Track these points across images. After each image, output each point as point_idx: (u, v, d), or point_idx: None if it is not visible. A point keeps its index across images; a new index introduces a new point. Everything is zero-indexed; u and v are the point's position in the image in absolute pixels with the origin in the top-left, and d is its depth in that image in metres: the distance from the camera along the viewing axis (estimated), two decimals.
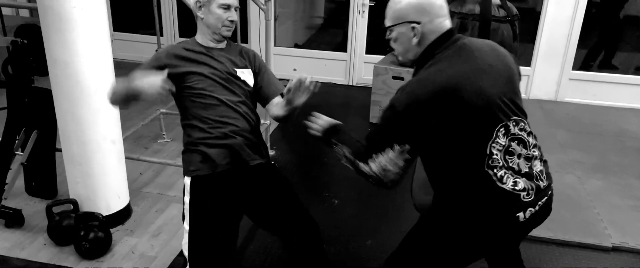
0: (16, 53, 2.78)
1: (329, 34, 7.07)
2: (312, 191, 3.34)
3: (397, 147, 1.44)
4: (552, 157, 3.85)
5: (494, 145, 1.47)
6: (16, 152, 2.90)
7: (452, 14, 2.30)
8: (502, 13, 2.36)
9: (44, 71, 2.68)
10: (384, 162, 1.46)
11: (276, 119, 2.04)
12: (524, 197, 1.51)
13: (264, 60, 2.17)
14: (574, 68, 5.21)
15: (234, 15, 1.92)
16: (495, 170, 1.47)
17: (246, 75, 2.01)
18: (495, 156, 1.47)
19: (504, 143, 1.48)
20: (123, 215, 2.87)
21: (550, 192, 1.62)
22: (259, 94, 2.08)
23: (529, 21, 5.08)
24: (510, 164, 1.49)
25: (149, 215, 2.96)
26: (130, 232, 2.80)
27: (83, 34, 2.39)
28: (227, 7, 1.90)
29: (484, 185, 1.48)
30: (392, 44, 1.59)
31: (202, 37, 1.98)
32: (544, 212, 1.62)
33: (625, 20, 5.60)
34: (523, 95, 5.59)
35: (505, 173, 1.48)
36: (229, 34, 1.97)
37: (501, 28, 2.33)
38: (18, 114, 2.85)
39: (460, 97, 1.40)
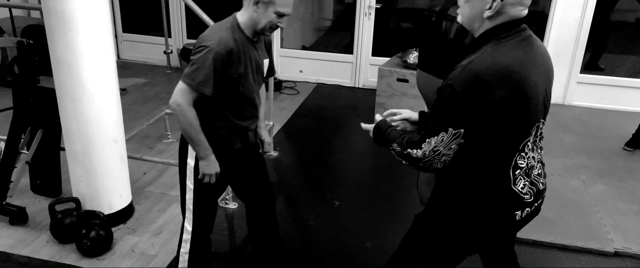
0: (22, 53, 2.83)
1: (337, 36, 7.07)
2: (314, 192, 3.35)
3: (451, 130, 1.38)
4: (558, 160, 3.83)
5: (528, 143, 1.48)
6: (21, 151, 2.94)
7: (452, 19, 2.27)
8: None
9: (49, 71, 2.73)
10: (437, 144, 1.41)
11: None
12: (526, 199, 1.54)
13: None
14: (582, 71, 5.16)
15: (284, 23, 1.90)
16: (516, 172, 1.49)
17: (265, 66, 2.07)
18: (524, 154, 1.49)
19: (533, 142, 1.51)
20: (125, 213, 2.90)
21: (544, 195, 1.66)
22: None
23: (536, 24, 5.05)
24: (528, 164, 1.52)
25: (151, 214, 2.99)
26: (131, 231, 2.82)
27: (86, 34, 2.43)
28: (282, 15, 1.88)
29: (500, 183, 1.50)
30: (461, 3, 1.50)
31: (245, 26, 1.91)
32: (537, 212, 1.66)
33: (614, 23, 5.60)
34: None
35: (519, 174, 1.50)
36: (270, 35, 2.01)
37: None
38: (24, 113, 2.89)
39: (519, 84, 1.37)
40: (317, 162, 3.83)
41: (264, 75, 2.11)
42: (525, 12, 1.47)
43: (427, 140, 1.43)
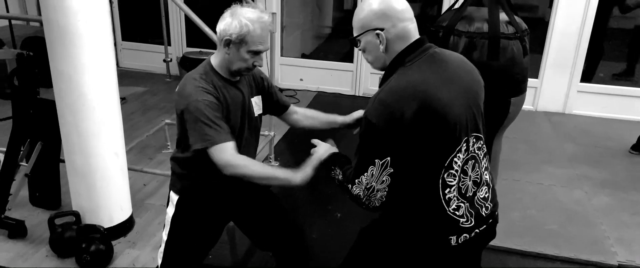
0: (22, 65, 2.81)
1: (337, 44, 7.07)
2: (316, 204, 3.33)
3: (378, 162, 1.40)
4: (561, 171, 3.81)
5: (455, 160, 1.45)
6: (21, 163, 2.91)
7: (460, 33, 2.26)
8: (510, 30, 2.31)
9: (49, 83, 2.71)
10: (369, 181, 1.43)
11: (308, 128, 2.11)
12: (462, 223, 1.49)
13: (269, 70, 2.14)
14: (582, 80, 5.16)
15: (261, 61, 1.76)
16: (447, 191, 1.46)
17: (256, 102, 1.93)
18: (453, 171, 1.45)
19: (463, 159, 1.47)
20: (125, 227, 2.87)
21: (491, 221, 1.59)
22: (277, 107, 2.05)
23: (537, 32, 5.04)
24: (461, 183, 1.48)
25: (152, 227, 2.96)
26: (132, 244, 2.79)
27: (87, 46, 2.41)
28: (257, 53, 1.74)
29: (430, 203, 1.47)
30: (364, 55, 1.58)
31: (221, 68, 1.78)
32: (484, 238, 1.59)
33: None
34: (531, 107, 5.51)
35: (454, 196, 1.47)
36: (247, 74, 1.85)
37: (511, 45, 2.28)
38: (23, 125, 2.87)
39: (426, 101, 1.38)
40: (318, 173, 3.79)
41: (258, 113, 1.94)
42: (412, 25, 1.50)
43: (358, 180, 1.45)
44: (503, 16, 2.34)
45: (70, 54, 2.40)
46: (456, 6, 2.47)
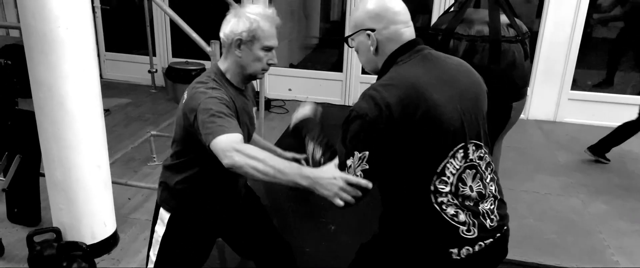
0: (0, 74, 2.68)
1: (324, 54, 7.03)
2: (308, 216, 3.22)
3: (356, 154, 1.35)
4: (555, 179, 3.77)
5: (448, 166, 1.36)
6: None
7: (460, 37, 2.20)
8: (511, 32, 2.25)
9: (28, 93, 2.58)
10: (349, 170, 1.37)
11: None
12: (463, 232, 1.37)
13: (257, 80, 2.06)
14: (572, 88, 5.15)
15: (274, 58, 1.70)
16: (439, 196, 1.36)
17: (255, 114, 1.89)
18: (446, 178, 1.36)
19: (459, 167, 1.37)
20: (109, 243, 2.72)
21: (499, 235, 1.45)
22: None
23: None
24: (459, 192, 1.38)
25: (137, 244, 2.83)
26: (116, 262, 2.66)
27: (69, 55, 2.29)
28: (270, 49, 1.67)
29: (423, 208, 1.38)
30: (358, 55, 1.54)
31: (231, 75, 1.71)
32: (491, 255, 1.45)
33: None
34: (521, 116, 5.52)
35: (449, 201, 1.37)
36: (263, 76, 1.76)
37: (512, 48, 2.22)
38: (1, 137, 2.73)
39: (418, 101, 1.32)
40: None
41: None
42: (407, 30, 1.45)
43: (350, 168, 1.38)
44: (503, 18, 2.29)
45: (50, 62, 2.27)
46: (452, 9, 2.41)
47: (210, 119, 1.51)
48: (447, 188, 1.36)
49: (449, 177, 1.36)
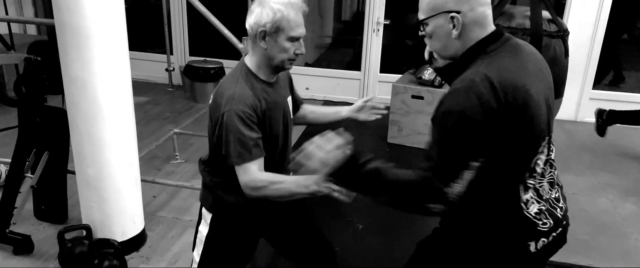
0: (29, 71, 2.66)
1: (338, 53, 7.00)
2: (335, 215, 3.19)
3: (473, 164, 1.19)
4: (582, 179, 3.72)
5: (538, 162, 1.32)
6: (26, 175, 2.76)
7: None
8: (553, 28, 2.21)
9: (56, 89, 2.56)
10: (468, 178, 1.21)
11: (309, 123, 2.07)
12: (540, 226, 1.35)
13: None
14: (594, 87, 5.09)
15: (302, 48, 1.63)
16: (526, 193, 1.32)
17: (290, 101, 1.81)
18: (536, 173, 1.33)
19: (544, 160, 1.35)
20: (138, 241, 2.72)
21: (565, 222, 1.43)
22: (294, 105, 1.94)
23: None
24: (538, 185, 1.36)
25: (165, 241, 2.81)
26: (145, 260, 2.64)
27: (102, 50, 2.28)
28: (296, 39, 1.61)
29: (509, 205, 1.33)
30: (428, 41, 1.38)
31: (259, 69, 1.65)
32: (557, 244, 1.44)
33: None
34: None
35: (531, 197, 1.34)
36: (291, 67, 1.70)
37: (553, 44, 2.19)
38: (29, 135, 2.71)
39: (520, 99, 1.21)
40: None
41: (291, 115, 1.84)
42: (490, 12, 1.31)
43: (462, 175, 1.21)
44: (545, 14, 2.25)
45: (84, 58, 2.26)
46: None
47: (227, 139, 1.55)
48: (534, 183, 1.33)
49: (538, 172, 1.33)
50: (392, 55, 5.59)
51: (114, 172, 2.49)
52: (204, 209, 1.80)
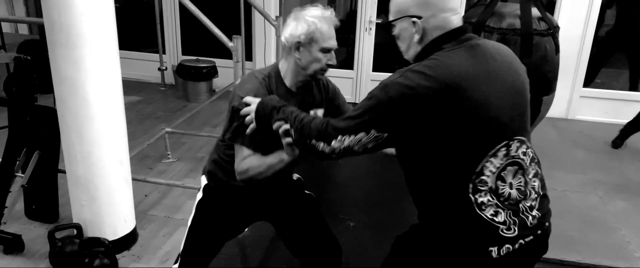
0: (19, 70, 2.66)
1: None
2: (326, 213, 3.19)
3: (373, 132, 1.27)
4: (572, 176, 3.75)
5: (487, 165, 1.29)
6: (17, 174, 2.75)
7: (492, 30, 2.18)
8: (543, 26, 2.23)
9: (46, 89, 2.56)
10: (352, 143, 1.31)
11: None
12: (503, 231, 1.31)
13: None
14: (585, 85, 5.13)
15: (334, 59, 1.70)
16: (478, 195, 1.30)
17: (318, 114, 1.85)
18: (485, 177, 1.30)
19: (499, 165, 1.31)
20: (129, 239, 2.72)
21: (540, 232, 1.39)
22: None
23: None
24: (499, 191, 1.32)
25: (156, 240, 2.81)
26: (136, 258, 2.64)
27: (92, 49, 2.28)
28: (329, 51, 1.68)
29: (461, 208, 1.32)
30: (397, 42, 1.46)
31: (289, 76, 1.73)
32: (532, 251, 1.40)
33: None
34: None
35: (489, 200, 1.31)
36: (323, 77, 1.80)
37: (544, 42, 2.20)
38: (19, 134, 2.71)
39: (463, 100, 1.23)
40: (327, 181, 3.69)
41: None
42: (456, 18, 1.36)
43: (341, 137, 1.32)
44: (535, 12, 2.27)
45: (74, 57, 2.26)
46: (480, 2, 2.40)
47: (229, 118, 1.68)
48: (487, 188, 1.31)
49: (488, 176, 1.30)
50: (384, 54, 5.61)
51: (105, 171, 2.49)
52: (202, 176, 1.91)
